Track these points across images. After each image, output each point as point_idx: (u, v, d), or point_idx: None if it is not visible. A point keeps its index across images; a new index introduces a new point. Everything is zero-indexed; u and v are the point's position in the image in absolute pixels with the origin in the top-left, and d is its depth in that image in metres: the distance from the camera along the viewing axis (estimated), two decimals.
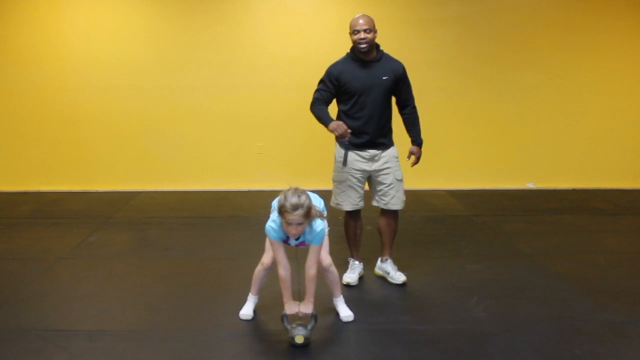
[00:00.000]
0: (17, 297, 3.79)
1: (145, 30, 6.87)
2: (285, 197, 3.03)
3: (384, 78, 3.86)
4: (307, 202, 3.05)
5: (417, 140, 4.09)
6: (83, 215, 5.89)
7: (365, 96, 3.85)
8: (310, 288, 3.23)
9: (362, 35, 3.77)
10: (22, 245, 4.95)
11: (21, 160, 6.97)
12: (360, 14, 3.85)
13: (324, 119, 3.80)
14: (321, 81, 3.92)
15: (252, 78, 6.92)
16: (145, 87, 6.89)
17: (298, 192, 3.06)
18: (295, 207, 3.01)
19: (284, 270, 3.19)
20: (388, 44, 4.17)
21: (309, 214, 3.06)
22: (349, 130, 3.73)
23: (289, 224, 3.06)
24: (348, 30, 3.87)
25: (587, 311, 3.61)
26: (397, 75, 3.91)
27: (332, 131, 3.73)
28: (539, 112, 7.11)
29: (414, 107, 4.07)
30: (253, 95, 6.95)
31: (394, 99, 4.04)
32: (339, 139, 3.79)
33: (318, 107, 3.85)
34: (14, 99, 6.89)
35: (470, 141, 7.16)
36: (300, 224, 3.05)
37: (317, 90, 3.91)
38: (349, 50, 3.95)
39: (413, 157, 4.10)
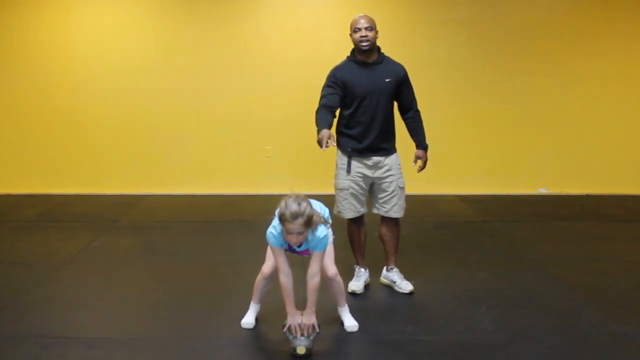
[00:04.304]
0: (17, 303, 3.76)
1: (153, 33, 6.86)
2: (285, 205, 2.96)
3: (387, 80, 3.79)
4: (307, 211, 2.96)
5: (422, 145, 4.01)
6: (89, 219, 5.87)
7: (368, 99, 3.77)
8: (313, 298, 3.14)
9: (364, 32, 3.71)
10: (27, 249, 4.93)
11: (29, 163, 6.98)
12: (362, 14, 3.80)
13: (318, 124, 3.64)
14: (326, 86, 3.83)
15: (260, 80, 6.88)
16: (153, 89, 6.88)
17: (299, 199, 2.97)
18: (295, 216, 2.93)
19: (285, 277, 3.12)
20: (396, 46, 4.12)
21: (309, 223, 2.98)
22: (328, 142, 3.50)
23: (289, 232, 2.99)
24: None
25: (597, 322, 3.51)
26: (399, 77, 3.85)
27: (317, 142, 3.54)
28: (551, 117, 7.01)
29: (417, 111, 3.99)
30: (261, 98, 6.91)
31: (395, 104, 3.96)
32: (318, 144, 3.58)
33: (318, 113, 3.75)
34: (22, 102, 6.91)
35: (481, 145, 7.07)
36: (300, 233, 2.98)
37: (322, 97, 3.81)
38: (349, 54, 3.89)
39: (420, 162, 4.01)
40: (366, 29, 3.71)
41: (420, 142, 4.01)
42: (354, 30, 3.76)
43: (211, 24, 6.85)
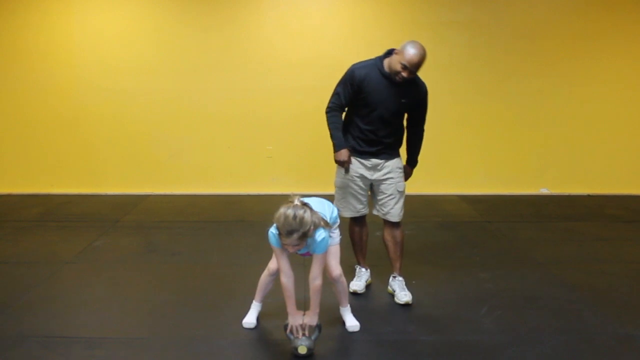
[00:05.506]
0: (19, 302, 3.76)
1: (154, 34, 6.85)
2: (280, 219, 2.90)
3: (403, 101, 3.72)
4: (303, 225, 2.88)
5: (412, 162, 4.00)
6: (91, 219, 5.87)
7: (379, 111, 3.71)
8: (316, 300, 3.14)
9: (406, 75, 3.58)
10: (28, 248, 4.93)
11: (30, 162, 6.98)
12: (420, 52, 3.53)
13: (335, 138, 3.73)
14: (341, 83, 3.75)
15: (262, 81, 6.87)
16: (154, 90, 6.88)
17: (296, 210, 2.89)
18: (290, 232, 2.89)
19: (286, 278, 3.11)
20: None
21: (305, 236, 2.93)
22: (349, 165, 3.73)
23: (285, 244, 2.98)
24: (387, 47, 3.71)
25: (600, 323, 3.50)
26: (417, 99, 3.78)
27: (336, 161, 3.69)
28: (553, 117, 7.01)
29: (422, 130, 3.95)
30: (263, 99, 6.90)
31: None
32: (339, 165, 3.78)
33: (333, 118, 3.74)
34: (23, 102, 6.90)
35: (483, 146, 7.06)
36: (296, 245, 2.96)
37: (335, 94, 3.76)
38: (380, 56, 3.74)
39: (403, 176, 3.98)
40: (411, 72, 3.57)
41: (413, 159, 4.00)
42: (401, 64, 3.55)
43: (213, 24, 6.84)
